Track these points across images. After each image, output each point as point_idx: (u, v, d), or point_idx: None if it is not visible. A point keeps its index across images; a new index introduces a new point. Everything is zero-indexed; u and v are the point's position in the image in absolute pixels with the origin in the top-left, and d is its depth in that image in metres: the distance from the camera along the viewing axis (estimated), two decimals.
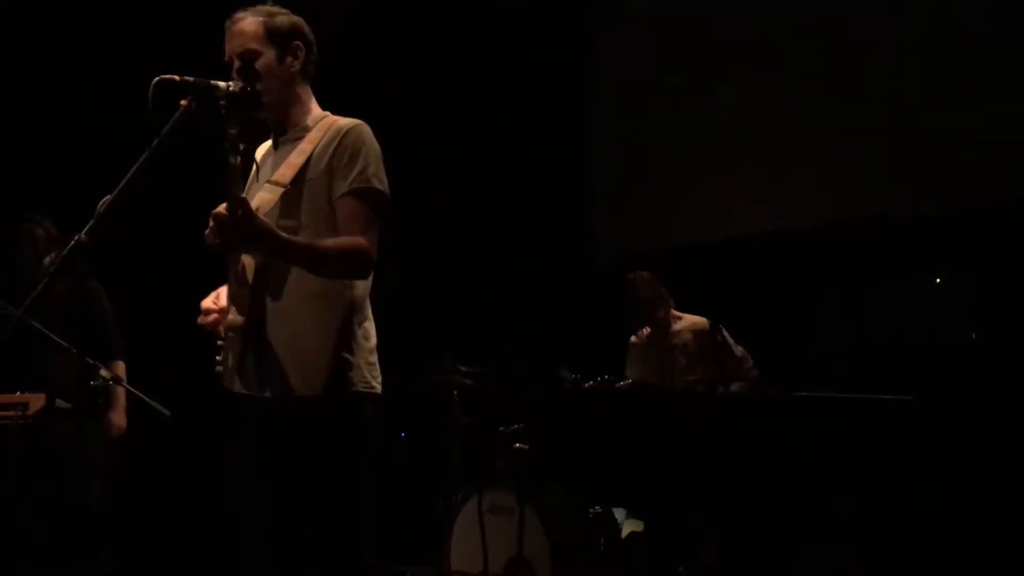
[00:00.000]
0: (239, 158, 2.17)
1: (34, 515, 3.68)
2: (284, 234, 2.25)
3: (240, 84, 2.28)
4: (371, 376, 2.41)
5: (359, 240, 2.32)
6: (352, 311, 2.40)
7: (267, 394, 2.35)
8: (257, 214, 2.20)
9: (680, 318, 4.64)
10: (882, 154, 4.87)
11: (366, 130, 2.42)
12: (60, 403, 3.63)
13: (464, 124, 5.77)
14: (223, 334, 2.37)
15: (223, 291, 2.43)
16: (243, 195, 2.26)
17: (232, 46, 2.39)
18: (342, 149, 2.36)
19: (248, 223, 2.16)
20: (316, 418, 2.32)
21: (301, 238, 2.32)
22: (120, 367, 3.95)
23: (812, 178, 5.11)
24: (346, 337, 2.37)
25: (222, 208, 2.16)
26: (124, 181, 2.10)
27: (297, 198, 2.36)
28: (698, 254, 5.29)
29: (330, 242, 2.31)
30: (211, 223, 2.21)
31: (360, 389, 2.38)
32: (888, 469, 3.68)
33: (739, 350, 4.45)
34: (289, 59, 2.42)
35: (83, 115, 4.82)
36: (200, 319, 2.39)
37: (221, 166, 2.16)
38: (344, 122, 2.43)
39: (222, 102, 2.21)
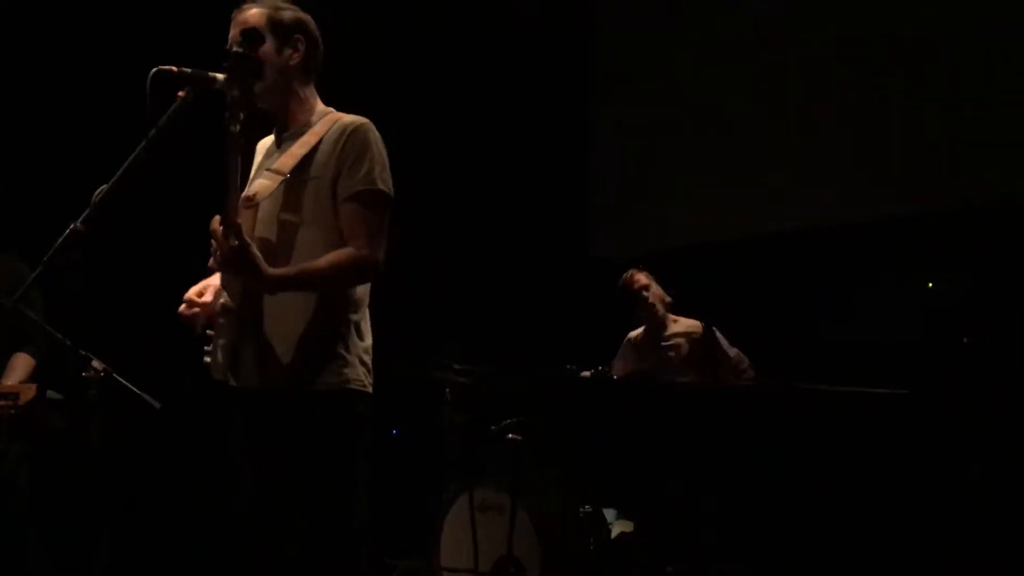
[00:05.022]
0: (240, 128, 2.15)
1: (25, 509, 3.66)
2: (272, 270, 2.21)
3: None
4: (364, 375, 2.41)
5: (357, 251, 2.31)
6: (349, 308, 2.39)
7: (261, 387, 2.34)
8: (252, 246, 2.18)
9: (676, 321, 4.65)
10: (877, 156, 4.89)
11: (372, 129, 2.40)
12: (52, 394, 3.62)
13: (461, 121, 5.77)
14: (209, 323, 2.33)
15: (210, 283, 2.41)
16: (242, 193, 2.26)
17: (234, 34, 2.39)
18: (348, 149, 2.35)
19: (241, 254, 2.14)
20: (310, 413, 2.32)
21: (302, 245, 2.31)
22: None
23: (806, 180, 5.13)
24: (343, 333, 2.37)
25: (217, 224, 2.15)
26: (120, 171, 2.10)
27: (299, 191, 2.35)
28: (692, 255, 5.30)
29: (322, 263, 2.29)
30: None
31: (354, 387, 2.37)
32: (883, 465, 3.69)
33: (733, 351, 4.45)
34: (288, 51, 2.41)
35: (80, 105, 4.81)
36: (182, 308, 2.36)
37: (224, 156, 2.16)
38: (349, 120, 2.41)
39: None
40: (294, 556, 2.37)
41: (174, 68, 2.18)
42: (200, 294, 2.38)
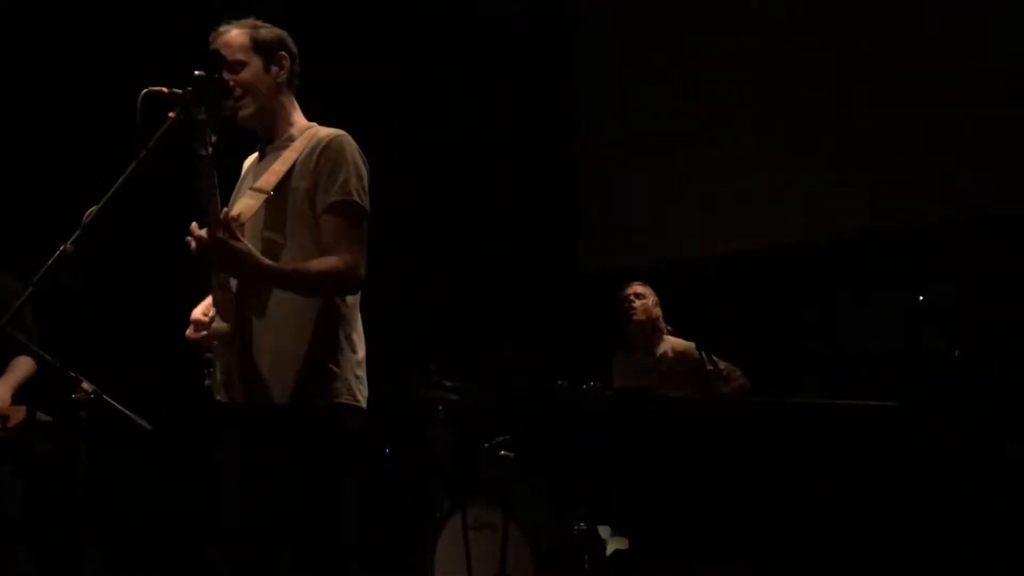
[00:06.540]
0: (211, 150, 2.15)
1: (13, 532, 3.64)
2: (265, 260, 2.23)
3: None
4: (357, 389, 2.40)
5: (342, 260, 2.30)
6: (339, 321, 2.39)
7: (251, 403, 2.33)
8: (241, 239, 2.19)
9: (666, 341, 4.63)
10: (866, 170, 4.92)
11: (348, 141, 2.41)
12: (41, 416, 3.60)
13: (451, 138, 5.78)
14: (209, 347, 2.35)
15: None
16: (224, 206, 2.25)
17: None
18: (323, 161, 2.36)
19: (231, 246, 2.15)
20: (297, 429, 2.31)
21: (285, 260, 2.31)
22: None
23: (795, 195, 5.15)
24: (332, 347, 2.36)
25: (203, 231, 2.15)
26: (111, 192, 2.09)
27: (281, 208, 2.36)
28: (683, 270, 5.31)
29: (314, 265, 2.29)
30: (191, 243, 2.18)
31: (345, 401, 2.36)
32: (877, 479, 3.69)
33: (723, 364, 4.43)
34: (275, 69, 2.45)
35: (70, 124, 4.80)
36: (189, 332, 2.37)
37: (196, 168, 2.16)
38: (326, 132, 2.43)
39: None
40: (285, 573, 2.35)
41: (164, 89, 2.18)
42: (206, 314, 2.38)
